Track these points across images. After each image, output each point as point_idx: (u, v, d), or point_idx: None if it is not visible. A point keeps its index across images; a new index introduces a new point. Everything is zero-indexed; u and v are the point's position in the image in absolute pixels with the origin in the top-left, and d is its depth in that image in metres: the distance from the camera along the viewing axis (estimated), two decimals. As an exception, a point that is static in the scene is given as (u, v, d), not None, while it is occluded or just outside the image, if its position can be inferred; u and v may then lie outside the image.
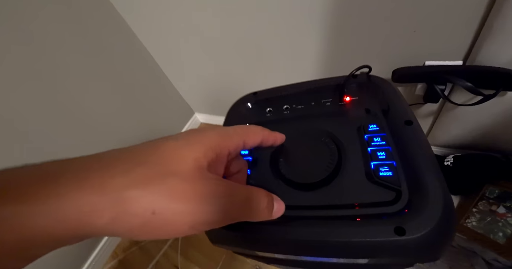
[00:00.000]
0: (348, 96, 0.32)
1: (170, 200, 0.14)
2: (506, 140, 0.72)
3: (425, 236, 0.19)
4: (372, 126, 0.27)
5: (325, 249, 0.21)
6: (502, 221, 0.64)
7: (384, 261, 0.23)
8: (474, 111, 0.69)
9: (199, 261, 0.97)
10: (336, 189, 0.24)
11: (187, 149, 0.16)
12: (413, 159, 0.23)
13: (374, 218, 0.21)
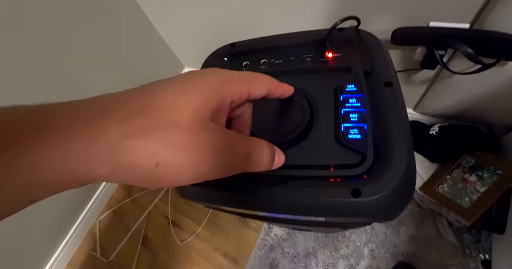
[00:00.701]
0: (331, 52, 0.30)
1: (173, 151, 0.13)
2: (494, 112, 0.72)
3: (380, 199, 0.19)
4: (350, 86, 0.26)
5: (285, 207, 0.22)
6: (471, 188, 0.68)
7: (342, 220, 0.24)
8: (469, 81, 0.66)
9: (188, 213, 1.04)
10: (304, 150, 0.24)
11: (186, 98, 0.14)
12: (385, 123, 0.22)
13: (335, 179, 0.21)
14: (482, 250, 0.69)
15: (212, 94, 0.15)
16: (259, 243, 0.88)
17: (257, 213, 0.28)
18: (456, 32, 0.58)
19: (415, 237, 0.76)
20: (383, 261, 0.75)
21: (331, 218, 0.24)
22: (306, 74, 0.29)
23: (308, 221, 0.30)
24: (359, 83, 0.26)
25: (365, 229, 0.81)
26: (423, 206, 0.79)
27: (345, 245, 0.80)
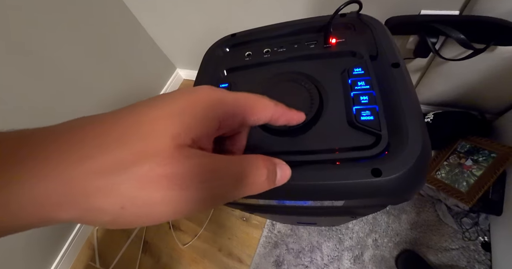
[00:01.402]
0: (334, 38, 0.29)
1: (139, 190, 0.11)
2: (487, 97, 0.74)
3: (400, 178, 0.19)
4: (357, 70, 0.25)
5: (304, 192, 0.21)
6: (468, 172, 0.69)
7: (361, 202, 0.24)
8: (461, 67, 0.68)
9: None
10: (317, 134, 0.23)
11: (165, 123, 0.12)
12: (396, 103, 0.22)
13: (352, 161, 0.21)
14: (481, 233, 0.70)
15: (197, 117, 0.13)
16: (263, 240, 0.88)
17: (271, 203, 0.27)
18: (447, 18, 0.59)
19: (416, 224, 0.77)
20: (387, 249, 0.76)
21: (350, 202, 0.24)
22: (311, 61, 0.28)
23: (322, 208, 0.29)
24: (365, 66, 0.25)
25: (368, 220, 0.81)
26: (422, 193, 0.80)
27: (349, 237, 0.81)
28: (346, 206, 0.25)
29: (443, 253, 0.71)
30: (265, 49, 0.31)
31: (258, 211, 0.42)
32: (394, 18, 0.64)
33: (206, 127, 0.13)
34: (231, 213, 0.98)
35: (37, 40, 0.80)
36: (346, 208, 0.27)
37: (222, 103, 0.14)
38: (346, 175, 0.20)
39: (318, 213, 0.34)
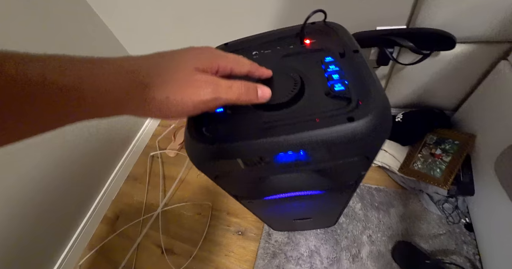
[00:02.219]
0: (308, 39, 0.37)
1: (178, 88, 0.20)
2: (442, 96, 0.86)
3: (370, 121, 0.25)
4: (328, 58, 0.32)
5: (293, 143, 0.26)
6: (439, 160, 0.77)
7: (340, 152, 0.29)
8: (417, 72, 0.80)
9: (182, 236, 0.99)
10: (301, 106, 0.28)
11: (190, 60, 0.22)
12: (359, 76, 0.29)
13: (330, 117, 0.26)
14: (462, 215, 0.76)
15: (204, 62, 0.23)
16: (261, 252, 0.87)
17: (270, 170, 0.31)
18: (398, 31, 0.71)
19: (405, 215, 0.81)
20: (382, 244, 0.79)
21: (332, 155, 0.29)
22: (291, 57, 0.35)
23: (310, 176, 0.33)
24: (334, 55, 0.32)
25: (360, 218, 0.85)
26: (405, 187, 0.86)
27: (344, 236, 0.83)
28: (330, 167, 0.31)
29: (434, 239, 0.75)
30: (253, 51, 0.37)
31: (250, 195, 0.45)
32: (356, 34, 0.75)
33: (209, 67, 0.23)
34: (226, 229, 0.96)
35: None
36: (330, 173, 0.32)
37: (218, 56, 0.24)
38: (327, 123, 0.25)
39: (308, 184, 0.38)
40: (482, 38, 0.66)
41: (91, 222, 1.09)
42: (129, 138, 1.28)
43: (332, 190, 0.45)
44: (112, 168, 1.19)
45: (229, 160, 0.30)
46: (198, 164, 0.32)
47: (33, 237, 0.90)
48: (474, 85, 0.77)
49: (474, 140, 0.73)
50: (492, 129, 0.68)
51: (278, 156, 0.30)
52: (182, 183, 1.15)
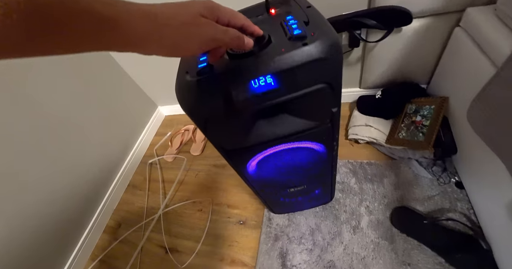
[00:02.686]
0: (273, 9, 0.44)
1: (187, 28, 0.26)
2: (413, 70, 0.92)
3: (319, 45, 0.32)
4: (289, 17, 0.40)
5: (267, 66, 0.32)
6: (420, 125, 0.81)
7: (303, 77, 0.34)
8: (386, 49, 0.87)
9: (184, 234, 0.99)
10: (270, 50, 0.35)
11: (197, 8, 0.27)
12: (313, 21, 0.36)
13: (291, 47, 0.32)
14: (451, 175, 0.78)
15: (207, 11, 0.27)
16: (263, 238, 0.87)
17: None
18: (360, 13, 0.79)
19: (398, 183, 0.83)
20: (380, 212, 0.80)
21: (297, 80, 0.34)
22: (263, 23, 0.42)
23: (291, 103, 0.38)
24: (293, 14, 0.40)
25: (355, 191, 0.86)
26: (394, 157, 0.89)
27: (343, 211, 0.84)
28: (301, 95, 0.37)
29: (428, 201, 0.77)
30: None
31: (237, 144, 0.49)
32: (328, 19, 0.84)
33: (209, 15, 0.28)
34: (228, 221, 0.97)
35: (34, 85, 0.90)
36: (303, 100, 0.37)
37: (218, 8, 0.29)
38: (289, 50, 0.31)
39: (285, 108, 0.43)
40: (433, 11, 0.74)
41: (92, 233, 1.08)
42: (127, 149, 1.31)
43: (313, 137, 0.49)
44: (111, 179, 1.21)
45: (214, 94, 0.35)
46: (189, 106, 0.38)
47: (35, 250, 0.90)
48: (439, 54, 0.84)
49: (447, 102, 0.78)
50: (460, 88, 0.74)
51: (252, 85, 0.35)
52: (181, 184, 1.17)
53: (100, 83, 1.17)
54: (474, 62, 0.65)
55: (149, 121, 1.48)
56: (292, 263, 0.79)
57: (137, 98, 1.40)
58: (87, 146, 1.10)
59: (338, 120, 0.48)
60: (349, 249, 0.76)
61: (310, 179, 0.66)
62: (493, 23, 0.61)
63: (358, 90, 1.08)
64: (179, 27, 0.25)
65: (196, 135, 1.32)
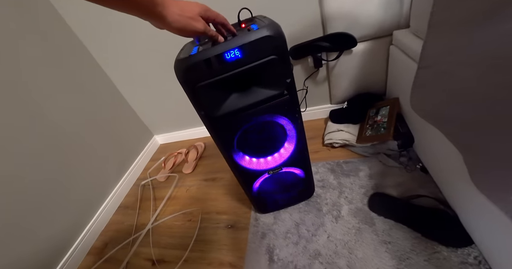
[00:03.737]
0: (244, 23, 0.63)
1: (188, 20, 0.45)
2: (370, 84, 1.11)
3: (267, 29, 0.49)
4: (253, 25, 0.57)
5: (234, 46, 0.48)
6: (381, 122, 0.95)
7: (259, 50, 0.49)
8: (344, 68, 1.08)
9: (174, 244, 0.98)
10: (238, 37, 0.51)
11: (197, 9, 0.46)
12: (267, 24, 0.53)
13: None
14: (416, 162, 0.87)
15: (203, 12, 0.47)
16: (251, 237, 0.88)
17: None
18: (319, 39, 1.02)
19: (372, 175, 0.91)
20: (358, 201, 0.85)
21: (255, 52, 0.50)
22: (238, 33, 0.59)
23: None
24: (256, 23, 0.58)
25: (335, 186, 0.93)
26: (366, 155, 0.98)
27: (325, 203, 0.88)
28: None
29: (400, 187, 0.83)
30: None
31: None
32: (293, 47, 1.07)
33: (203, 14, 0.48)
34: (217, 227, 0.98)
35: (49, 107, 1.05)
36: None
37: (209, 10, 0.50)
38: (249, 34, 0.49)
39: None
40: (372, 36, 0.98)
41: (74, 256, 1.04)
42: (121, 172, 1.37)
43: (277, 109, 0.61)
44: (102, 201, 1.23)
45: (199, 64, 0.50)
46: (182, 75, 0.52)
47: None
48: (386, 67, 1.04)
49: (398, 101, 0.94)
50: (404, 88, 0.90)
51: (225, 56, 0.50)
52: (172, 199, 1.19)
53: (104, 110, 1.33)
54: (406, 66, 0.83)
55: (145, 148, 1.58)
56: (279, 257, 0.79)
57: (135, 126, 1.54)
58: (79, 169, 1.15)
59: (296, 94, 0.62)
60: (332, 237, 0.78)
61: (287, 161, 0.75)
62: (410, 37, 0.82)
63: (330, 105, 1.25)
64: (186, 19, 0.45)
65: (188, 156, 1.41)
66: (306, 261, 0.75)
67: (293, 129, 0.68)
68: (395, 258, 0.69)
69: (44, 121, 1.03)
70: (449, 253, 0.65)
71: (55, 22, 1.14)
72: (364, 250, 0.73)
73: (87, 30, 1.20)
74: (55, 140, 1.06)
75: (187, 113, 1.46)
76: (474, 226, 0.62)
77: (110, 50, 1.25)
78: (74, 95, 1.18)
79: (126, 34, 1.16)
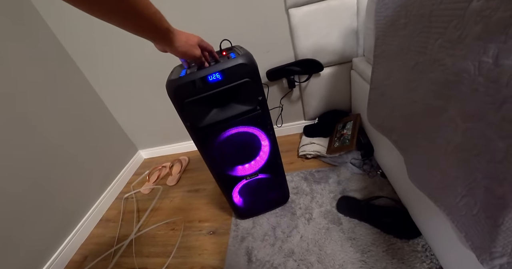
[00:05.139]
0: (224, 52, 0.76)
1: (189, 48, 0.59)
2: (337, 102, 1.27)
3: (243, 58, 0.62)
4: (232, 54, 0.70)
5: (215, 71, 0.59)
6: (346, 135, 1.08)
7: (237, 74, 0.61)
8: (314, 88, 1.23)
9: (157, 252, 1.01)
10: (220, 64, 0.63)
11: (196, 40, 0.60)
12: (243, 54, 0.66)
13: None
14: (376, 169, 1.00)
15: (200, 42, 0.62)
16: (231, 241, 0.94)
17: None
18: (291, 63, 1.18)
19: (340, 181, 1.02)
20: (328, 204, 0.95)
21: (233, 75, 0.61)
22: (220, 58, 0.71)
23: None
24: (235, 52, 0.70)
25: (307, 192, 1.02)
26: (336, 164, 1.11)
27: (298, 208, 0.97)
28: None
29: (363, 190, 0.95)
30: None
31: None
32: (269, 70, 1.22)
33: (200, 44, 0.62)
34: (199, 234, 1.03)
35: (35, 119, 1.09)
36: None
37: (203, 41, 0.64)
38: (228, 61, 0.60)
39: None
40: (335, 62, 1.15)
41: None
42: (104, 185, 1.39)
43: (251, 121, 0.72)
44: (82, 214, 1.24)
45: (186, 83, 0.60)
46: (173, 92, 0.62)
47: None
48: (349, 88, 1.21)
49: (360, 116, 1.09)
50: (363, 106, 1.06)
51: (209, 79, 0.61)
52: (156, 211, 1.23)
53: (90, 124, 1.37)
54: (363, 87, 0.99)
55: (129, 162, 1.61)
56: (257, 257, 0.85)
57: (120, 140, 1.58)
58: (60, 181, 1.16)
59: (267, 109, 0.73)
60: (305, 237, 0.87)
61: (262, 168, 0.84)
62: (365, 64, 0.98)
63: (303, 121, 1.39)
64: (189, 46, 0.58)
65: (172, 170, 1.47)
66: (281, 260, 0.82)
67: (267, 139, 0.78)
68: (359, 251, 0.78)
69: (30, 133, 1.06)
70: (403, 244, 0.76)
71: (44, 33, 1.21)
72: (332, 246, 0.81)
73: (77, 46, 1.28)
74: (39, 151, 1.09)
75: (171, 128, 1.54)
76: (419, 219, 0.74)
77: (99, 67, 1.33)
78: (61, 108, 1.23)
79: (115, 52, 1.26)
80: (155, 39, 0.53)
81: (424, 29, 0.47)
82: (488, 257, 0.38)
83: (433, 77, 0.45)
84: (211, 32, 1.12)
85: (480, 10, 0.33)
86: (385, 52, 0.71)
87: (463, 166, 0.40)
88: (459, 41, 0.38)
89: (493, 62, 0.32)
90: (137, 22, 0.46)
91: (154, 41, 0.54)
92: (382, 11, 0.66)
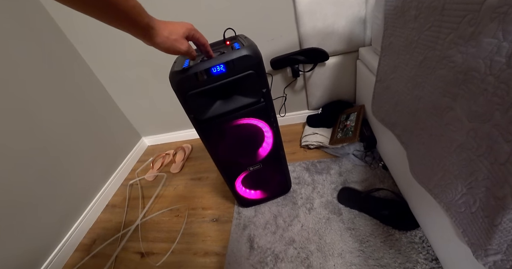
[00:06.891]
0: (228, 41, 0.74)
1: (174, 42, 0.52)
2: (342, 92, 1.25)
3: (247, 49, 0.60)
4: (236, 44, 0.68)
5: (220, 62, 0.58)
6: (349, 126, 1.08)
7: (240, 65, 0.60)
8: (318, 78, 1.21)
9: (162, 237, 1.05)
10: (224, 55, 0.61)
11: (182, 30, 0.53)
12: (247, 44, 0.64)
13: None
14: (378, 161, 1.01)
15: (188, 33, 0.54)
16: (233, 229, 0.97)
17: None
18: (295, 52, 1.15)
19: (342, 172, 1.03)
20: (329, 195, 0.96)
21: (237, 68, 0.60)
22: (221, 49, 0.70)
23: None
24: (239, 42, 0.69)
25: (309, 182, 1.04)
26: (338, 155, 1.11)
27: (300, 198, 0.99)
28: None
29: (364, 182, 0.96)
30: None
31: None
32: (273, 59, 1.19)
33: (187, 35, 0.54)
34: (202, 221, 1.06)
35: (38, 107, 1.10)
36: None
37: (194, 30, 0.56)
38: (232, 52, 0.59)
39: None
40: (341, 51, 1.12)
41: (62, 252, 1.08)
42: (109, 172, 1.42)
43: (255, 113, 0.72)
44: (90, 200, 1.27)
45: (190, 75, 0.60)
46: (176, 84, 0.61)
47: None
48: (354, 79, 1.19)
49: (364, 108, 1.08)
50: (368, 97, 1.05)
51: (212, 71, 0.60)
52: (160, 198, 1.26)
53: (93, 112, 1.38)
54: (368, 79, 0.97)
55: (133, 149, 1.63)
56: (259, 244, 0.88)
57: (123, 128, 1.59)
58: (66, 169, 1.19)
59: (271, 101, 0.73)
60: (305, 226, 0.89)
61: (264, 159, 0.85)
62: (371, 54, 0.96)
63: (307, 111, 1.38)
64: (172, 41, 0.51)
65: (176, 157, 1.49)
66: (282, 247, 0.85)
67: (270, 131, 0.78)
68: (357, 241, 0.80)
69: (33, 121, 1.07)
70: (401, 235, 0.77)
71: (46, 22, 1.19)
72: (332, 236, 0.84)
73: (78, 33, 1.26)
74: (45, 140, 1.10)
75: (174, 116, 1.54)
76: (418, 212, 0.75)
77: (102, 54, 1.32)
78: (64, 96, 1.23)
79: (118, 39, 1.24)
80: (135, 35, 0.48)
81: (435, 23, 0.45)
82: (483, 254, 0.39)
83: (441, 74, 0.44)
84: (214, 18, 1.09)
85: (497, 6, 0.32)
86: (392, 44, 0.69)
87: (466, 166, 0.40)
88: (471, 38, 0.37)
89: (506, 62, 0.31)
90: (115, 17, 0.42)
91: (135, 36, 0.48)
92: (392, 0, 0.63)
